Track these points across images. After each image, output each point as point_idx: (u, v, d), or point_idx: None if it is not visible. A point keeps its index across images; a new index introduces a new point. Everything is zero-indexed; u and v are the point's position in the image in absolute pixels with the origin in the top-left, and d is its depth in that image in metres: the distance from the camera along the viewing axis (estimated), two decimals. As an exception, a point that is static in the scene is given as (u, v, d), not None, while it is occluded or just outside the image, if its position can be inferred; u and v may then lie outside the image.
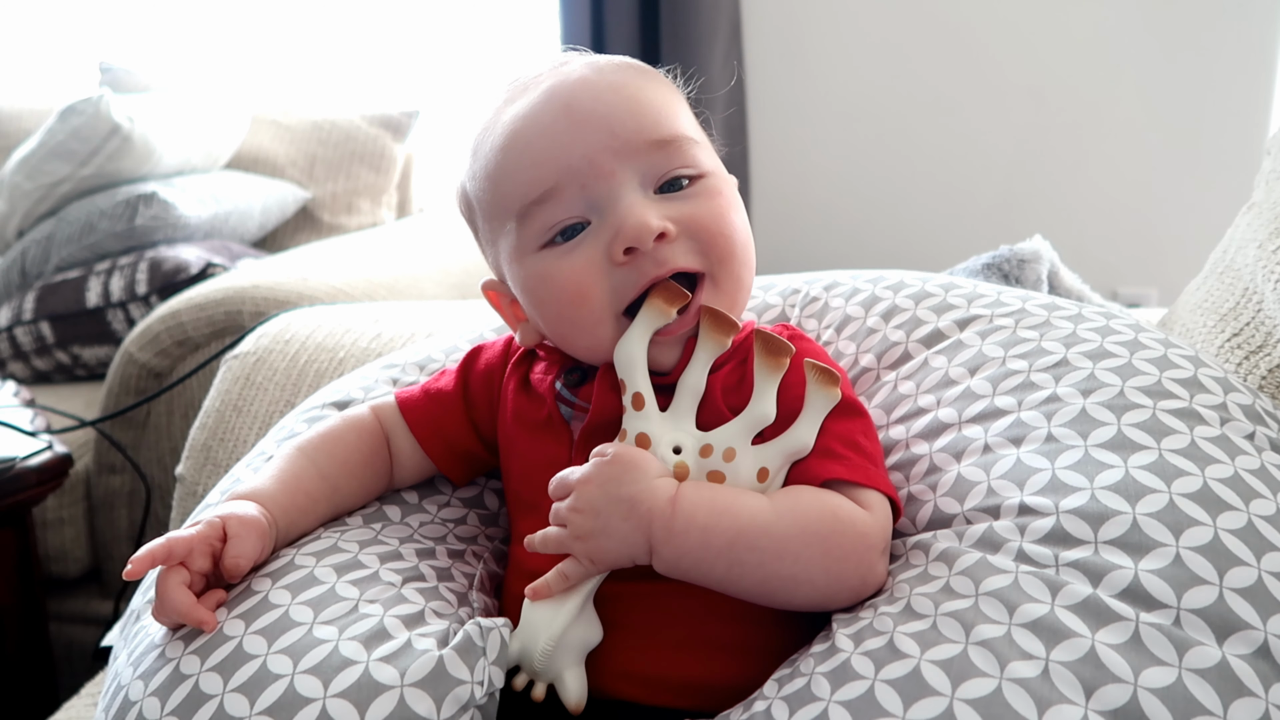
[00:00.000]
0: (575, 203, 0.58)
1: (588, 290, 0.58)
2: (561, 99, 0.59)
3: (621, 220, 0.57)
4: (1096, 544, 0.50)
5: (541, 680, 0.54)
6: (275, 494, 0.61)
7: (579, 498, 0.53)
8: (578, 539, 0.53)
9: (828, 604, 0.53)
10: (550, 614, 0.54)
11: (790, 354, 0.57)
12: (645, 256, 0.57)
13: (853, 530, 0.53)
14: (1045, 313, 0.67)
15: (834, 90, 2.34)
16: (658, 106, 0.60)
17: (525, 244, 0.60)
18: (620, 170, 0.58)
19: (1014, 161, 2.26)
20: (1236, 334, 0.74)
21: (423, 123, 2.19)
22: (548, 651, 0.53)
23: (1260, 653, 0.45)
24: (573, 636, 0.54)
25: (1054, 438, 0.57)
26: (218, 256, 1.72)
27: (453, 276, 1.76)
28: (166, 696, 0.50)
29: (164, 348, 1.43)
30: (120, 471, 1.48)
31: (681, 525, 0.52)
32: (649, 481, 0.53)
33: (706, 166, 0.61)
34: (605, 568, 0.54)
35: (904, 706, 0.45)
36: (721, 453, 0.55)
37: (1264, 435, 0.57)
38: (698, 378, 0.58)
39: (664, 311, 0.57)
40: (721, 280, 0.59)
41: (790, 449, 0.55)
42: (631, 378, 0.57)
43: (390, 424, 0.68)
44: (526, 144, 0.59)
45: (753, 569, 0.52)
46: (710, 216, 0.59)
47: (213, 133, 1.93)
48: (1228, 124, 2.08)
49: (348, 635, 0.52)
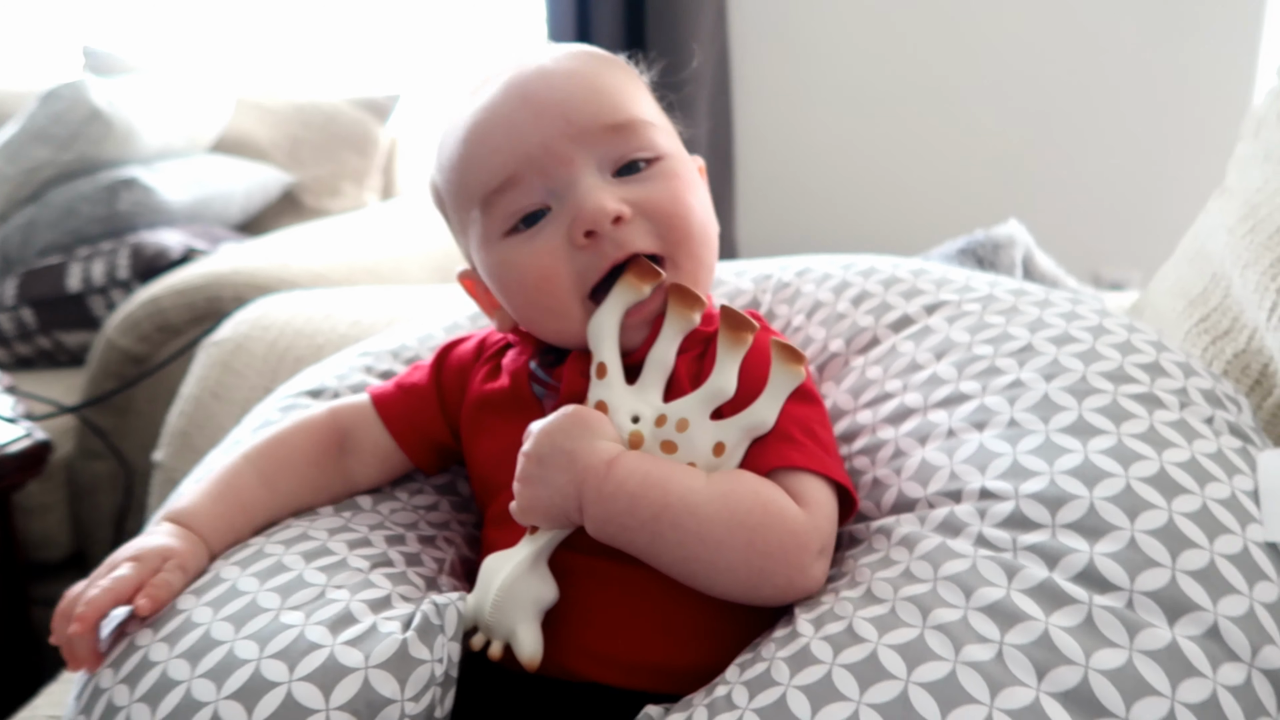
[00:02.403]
0: (535, 190, 0.59)
1: (551, 274, 0.59)
2: (518, 89, 0.60)
3: (579, 204, 0.58)
4: (1054, 528, 0.51)
5: (497, 637, 0.54)
6: (211, 513, 0.62)
7: (532, 443, 0.55)
8: (520, 481, 0.55)
9: (751, 596, 0.53)
10: (501, 568, 0.55)
11: (753, 330, 0.57)
12: (605, 239, 0.58)
13: (782, 527, 0.53)
14: (1012, 298, 0.68)
15: (819, 74, 2.33)
16: (613, 91, 0.61)
17: (490, 232, 0.61)
18: (578, 156, 0.59)
19: (998, 144, 2.26)
20: (1205, 318, 0.75)
21: (406, 106, 2.18)
22: (498, 603, 0.53)
23: (1210, 634, 0.46)
24: (523, 591, 0.54)
25: (1016, 423, 0.57)
26: (199, 241, 1.72)
27: (435, 259, 1.76)
28: (135, 683, 0.51)
29: (145, 333, 1.42)
30: (102, 457, 1.48)
31: (611, 489, 0.53)
32: (594, 441, 0.54)
33: (664, 149, 0.61)
34: (536, 517, 0.55)
35: (860, 690, 0.45)
36: (675, 423, 0.56)
37: (1223, 419, 0.58)
38: (665, 352, 0.58)
39: (637, 289, 0.58)
40: (681, 260, 0.60)
41: (750, 425, 0.56)
42: (599, 348, 0.58)
43: (358, 422, 0.68)
44: (486, 134, 0.60)
45: (673, 546, 0.52)
46: (667, 198, 0.60)
47: (195, 116, 1.92)
48: (1210, 107, 2.08)
49: (314, 620, 0.52)
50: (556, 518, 0.55)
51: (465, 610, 0.54)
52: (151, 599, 0.55)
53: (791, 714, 0.45)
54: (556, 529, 0.56)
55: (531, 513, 0.55)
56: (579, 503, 0.53)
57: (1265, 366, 0.67)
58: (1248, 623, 0.47)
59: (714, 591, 0.54)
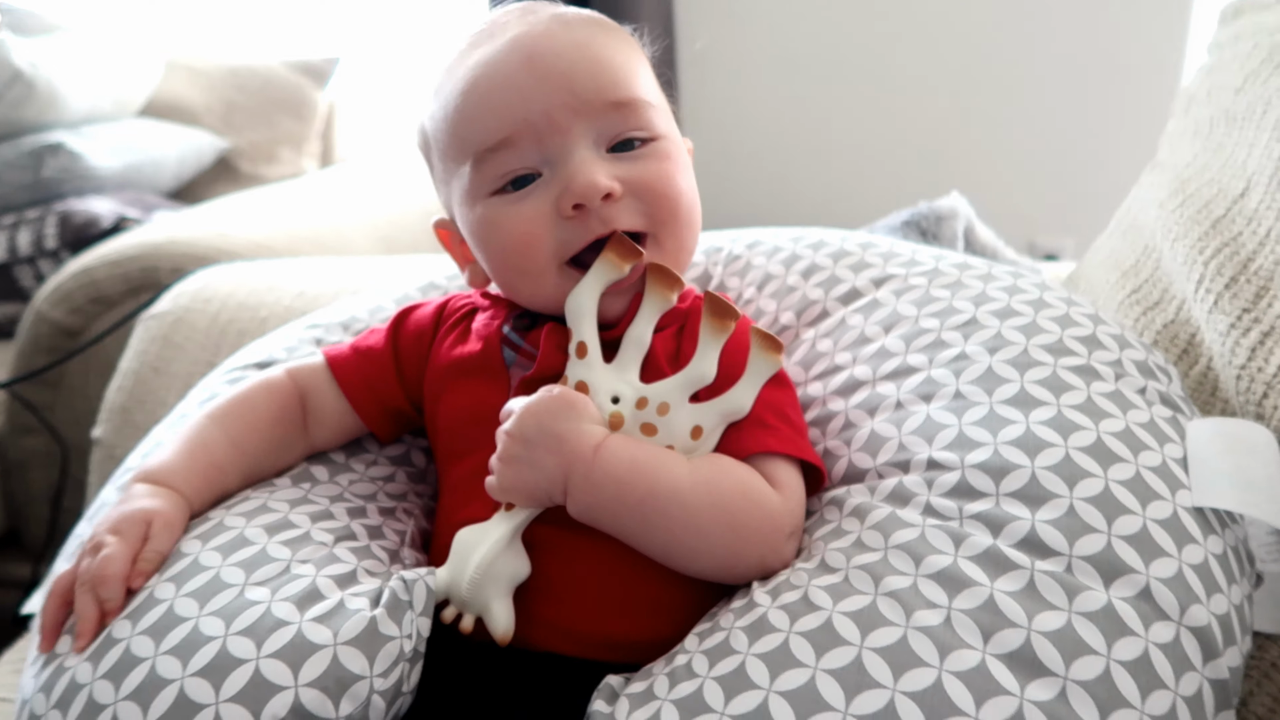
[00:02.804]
0: (529, 154, 0.60)
1: (534, 239, 0.60)
2: (525, 50, 0.60)
3: (572, 177, 0.58)
4: (998, 496, 0.53)
5: (470, 611, 0.55)
6: (186, 470, 0.61)
7: (516, 422, 0.55)
8: (502, 461, 0.55)
9: (725, 576, 0.55)
10: (478, 544, 0.55)
11: (736, 318, 0.58)
12: (591, 213, 0.59)
13: (761, 510, 0.55)
14: (957, 272, 0.70)
15: (763, 45, 2.34)
16: (618, 67, 0.61)
17: (477, 189, 0.61)
18: (576, 127, 0.59)
19: (938, 115, 2.30)
20: (1136, 290, 0.78)
21: (345, 70, 2.13)
22: (475, 580, 0.54)
23: (1142, 595, 0.49)
24: (500, 568, 0.55)
25: (961, 395, 0.59)
26: (132, 209, 1.67)
27: (380, 229, 1.73)
28: (98, 661, 0.50)
29: (77, 305, 1.38)
30: (35, 432, 1.44)
31: (599, 476, 0.53)
32: (581, 424, 0.55)
33: (660, 130, 0.62)
34: (519, 496, 0.55)
35: (816, 656, 0.47)
36: (656, 406, 0.57)
37: (1155, 389, 0.60)
38: (643, 331, 0.59)
39: (617, 266, 0.59)
40: (664, 240, 0.61)
41: (728, 410, 0.57)
42: (579, 327, 0.59)
43: (314, 384, 0.68)
44: (487, 92, 0.60)
45: (658, 529, 0.54)
46: (657, 179, 0.61)
47: (123, 79, 1.86)
48: (1141, 81, 2.14)
49: (280, 596, 0.52)
50: (538, 498, 0.55)
51: (436, 585, 0.54)
52: (144, 575, 0.55)
53: (750, 680, 0.47)
54: (535, 507, 0.56)
55: (513, 492, 0.55)
56: (564, 486, 0.54)
57: (1192, 336, 0.70)
58: (1177, 583, 0.49)
59: (689, 570, 0.55)
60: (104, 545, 0.55)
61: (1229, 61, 0.81)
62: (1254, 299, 0.66)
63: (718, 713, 0.45)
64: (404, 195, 1.89)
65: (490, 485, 0.56)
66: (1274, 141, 0.69)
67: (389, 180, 1.96)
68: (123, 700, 0.48)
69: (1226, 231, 0.70)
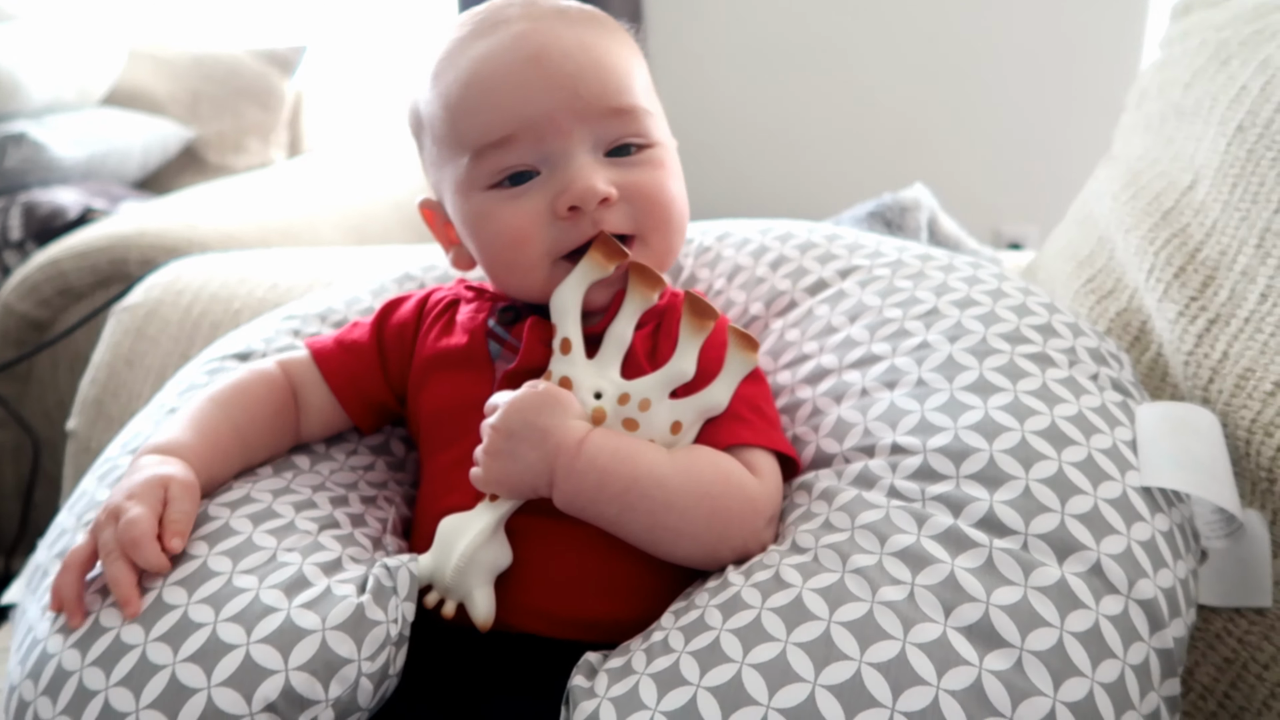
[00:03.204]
0: (528, 152, 0.61)
1: (527, 237, 0.61)
2: (530, 48, 0.60)
3: (571, 180, 0.60)
4: (958, 479, 0.55)
5: (452, 598, 0.56)
6: (195, 446, 0.61)
7: (501, 417, 0.56)
8: (488, 454, 0.56)
9: (708, 560, 0.57)
10: (463, 533, 0.56)
11: (715, 319, 0.60)
12: (585, 216, 0.60)
13: (741, 494, 0.57)
14: (919, 263, 0.72)
15: (728, 36, 2.36)
16: (622, 73, 0.63)
17: (474, 181, 0.62)
18: (577, 130, 0.60)
19: (903, 105, 2.33)
20: (1091, 279, 0.80)
21: (313, 59, 2.11)
22: (459, 568, 0.55)
23: (1094, 570, 0.51)
24: (483, 557, 0.56)
25: (924, 382, 0.62)
26: (98, 200, 1.65)
27: (350, 219, 1.73)
28: (86, 649, 0.51)
29: (45, 297, 1.38)
30: (4, 426, 1.43)
31: (582, 466, 0.55)
32: (566, 419, 0.56)
33: (655, 137, 0.64)
34: (503, 489, 0.57)
35: (787, 631, 0.49)
36: (638, 402, 0.59)
37: (1106, 375, 0.63)
38: (624, 329, 0.61)
39: (602, 266, 0.60)
40: (653, 243, 0.63)
41: (705, 406, 0.59)
42: (563, 323, 0.60)
43: (300, 377, 0.69)
44: (491, 87, 0.60)
45: (642, 515, 0.55)
46: (652, 185, 0.63)
47: (85, 67, 1.84)
48: (1100, 72, 2.18)
49: (268, 584, 0.53)
50: (522, 490, 0.57)
51: (419, 571, 0.56)
52: (181, 535, 0.54)
53: (724, 654, 0.49)
54: (519, 499, 0.58)
55: (498, 484, 0.57)
56: (550, 479, 0.56)
57: (1144, 324, 0.73)
58: (1126, 559, 0.52)
59: (672, 557, 0.57)
60: (125, 511, 0.54)
61: (1179, 57, 0.84)
62: (1201, 287, 0.69)
63: (693, 685, 0.48)
64: (374, 185, 1.89)
65: (475, 477, 0.57)
66: (1220, 136, 0.72)
67: (358, 170, 1.96)
68: (114, 686, 0.49)
69: (1175, 223, 0.73)
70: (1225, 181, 0.70)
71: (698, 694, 0.47)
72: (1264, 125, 0.69)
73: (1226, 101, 0.73)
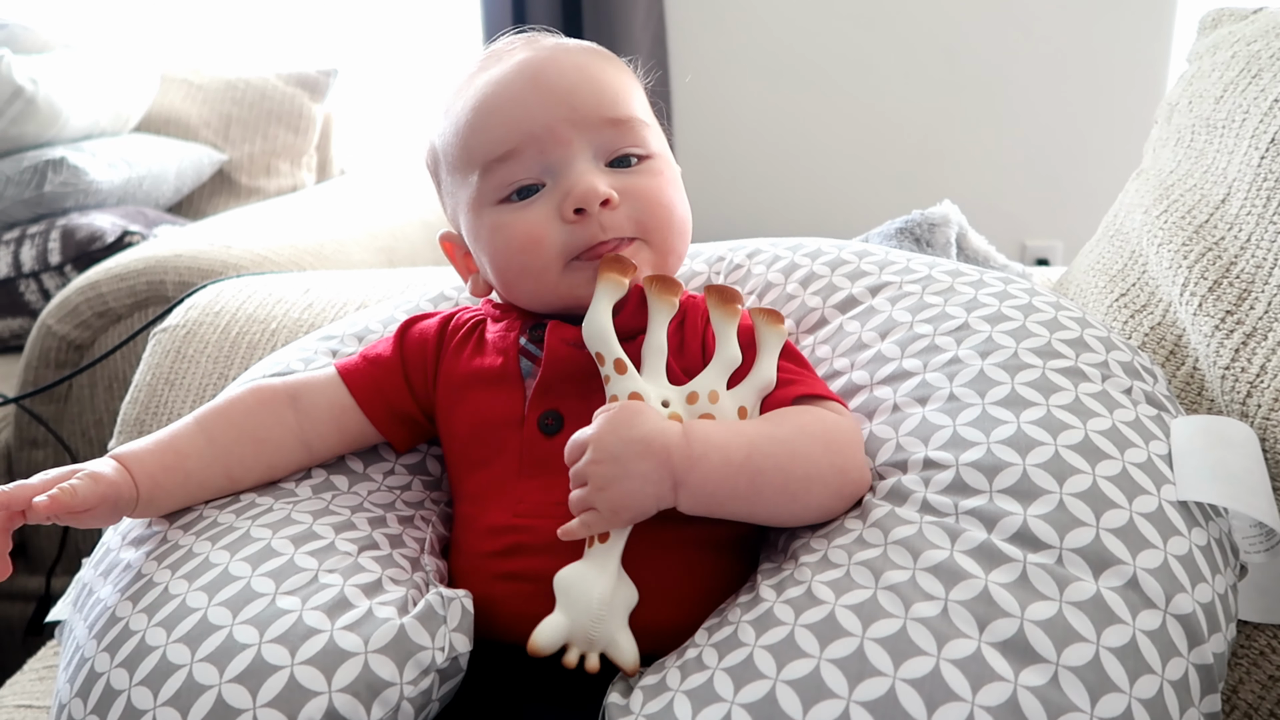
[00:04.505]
0: (533, 165, 0.65)
1: (540, 239, 0.64)
2: (530, 71, 0.66)
3: (573, 184, 0.63)
4: (991, 493, 0.55)
5: (594, 650, 0.54)
6: (145, 452, 0.63)
7: (595, 449, 0.55)
8: (600, 490, 0.54)
9: (838, 502, 0.58)
10: (591, 582, 0.54)
11: (741, 300, 0.63)
12: (591, 218, 0.63)
13: (838, 426, 0.59)
14: (949, 279, 0.72)
15: (755, 53, 2.37)
16: (616, 88, 0.67)
17: (484, 197, 0.66)
18: (576, 140, 0.64)
19: (929, 121, 2.33)
20: (1124, 294, 0.80)
21: (341, 82, 2.15)
22: (602, 617, 0.53)
23: (1130, 584, 0.51)
24: (618, 600, 0.55)
25: (955, 397, 0.62)
26: (134, 223, 1.69)
27: (379, 240, 1.75)
28: (134, 668, 0.52)
29: (84, 319, 1.40)
30: (43, 445, 1.46)
31: (700, 449, 0.55)
32: (659, 422, 0.56)
33: (654, 149, 0.68)
34: (629, 515, 0.55)
35: (820, 647, 0.49)
36: (706, 396, 0.60)
37: (1140, 389, 0.63)
38: (659, 339, 0.62)
39: (619, 283, 0.62)
40: (655, 243, 0.66)
41: (760, 384, 0.61)
42: (608, 347, 0.61)
43: (308, 385, 0.69)
44: (495, 107, 0.65)
45: (773, 476, 0.56)
46: (651, 190, 0.66)
47: (121, 93, 1.88)
48: (1128, 85, 2.17)
49: (310, 605, 0.54)
50: (647, 506, 0.55)
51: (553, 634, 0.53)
52: (55, 500, 0.56)
53: (758, 670, 0.49)
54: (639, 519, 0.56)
55: (620, 512, 0.55)
56: (672, 480, 0.55)
57: (1179, 338, 0.73)
58: (1162, 573, 0.52)
59: (808, 511, 0.57)
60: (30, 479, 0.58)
61: (1209, 71, 0.84)
62: (1236, 302, 0.68)
63: (728, 701, 0.48)
64: (402, 206, 1.91)
65: (590, 521, 0.55)
66: (1252, 149, 0.72)
67: (387, 192, 1.99)
68: (161, 706, 0.50)
69: (1209, 237, 0.73)
70: (1259, 195, 0.70)
71: (732, 710, 0.47)
72: (1296, 138, 0.68)
73: (1259, 115, 0.73)
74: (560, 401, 0.64)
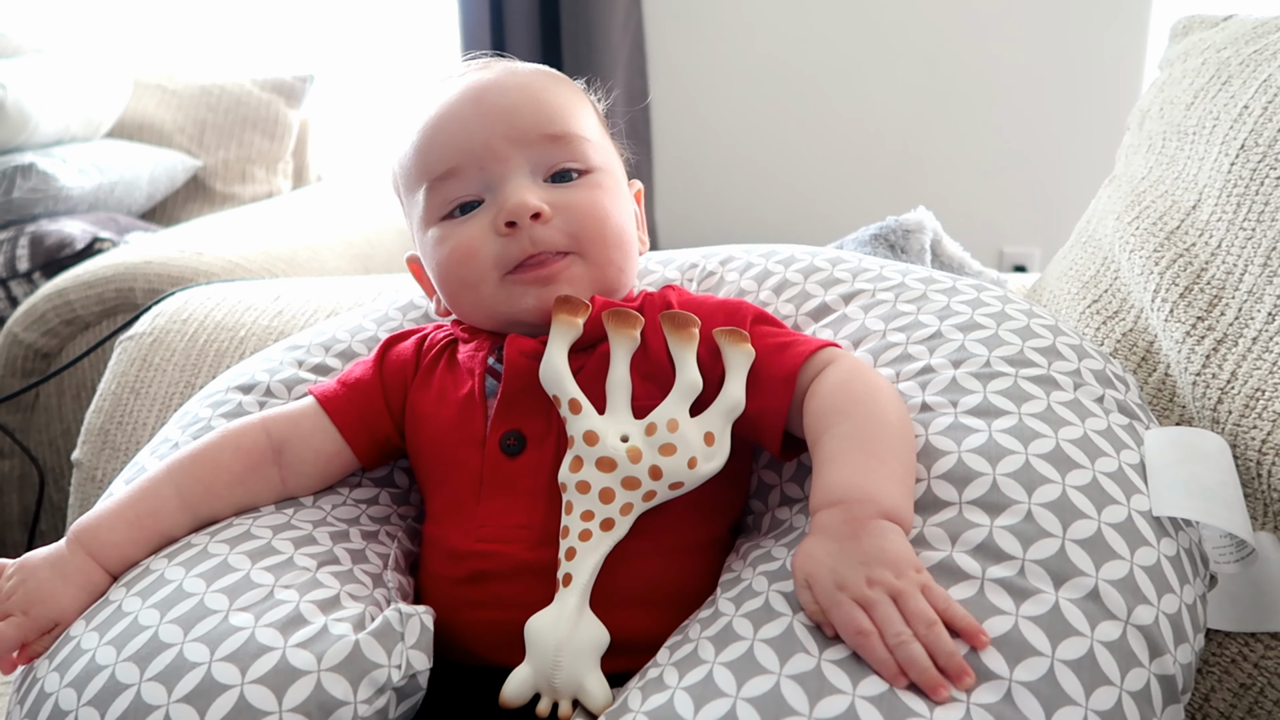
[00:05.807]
0: (473, 182, 0.66)
1: (474, 251, 0.65)
2: (475, 91, 0.68)
3: (506, 198, 0.65)
4: (961, 505, 0.55)
5: (565, 697, 0.53)
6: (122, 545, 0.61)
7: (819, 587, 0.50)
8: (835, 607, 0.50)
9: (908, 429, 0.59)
10: (551, 629, 0.54)
11: (696, 324, 0.61)
12: (523, 231, 0.64)
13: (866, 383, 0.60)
14: (923, 286, 0.71)
15: (733, 59, 2.38)
16: (557, 106, 0.68)
17: (430, 214, 0.68)
18: (515, 157, 0.66)
19: (905, 128, 2.34)
20: (1095, 300, 0.80)
21: (318, 88, 2.13)
22: (559, 664, 0.53)
23: (1090, 596, 0.50)
24: (581, 643, 0.54)
25: (928, 406, 0.61)
26: (105, 230, 1.66)
27: (355, 247, 1.74)
28: (82, 688, 0.51)
29: (51, 327, 1.38)
30: (8, 456, 1.43)
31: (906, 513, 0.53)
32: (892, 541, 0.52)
33: (595, 163, 0.68)
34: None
35: (780, 663, 0.48)
36: (665, 425, 0.58)
37: (1112, 398, 0.62)
38: (621, 374, 0.61)
39: (572, 324, 0.62)
40: (590, 256, 0.66)
41: (727, 409, 0.60)
42: (563, 389, 0.60)
43: (293, 433, 0.67)
44: (440, 127, 0.67)
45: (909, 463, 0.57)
46: (586, 204, 0.66)
47: (93, 99, 1.86)
48: (1104, 92, 2.19)
49: (264, 622, 0.53)
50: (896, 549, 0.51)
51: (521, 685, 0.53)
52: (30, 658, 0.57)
53: (718, 689, 0.48)
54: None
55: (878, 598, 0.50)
56: (884, 512, 0.52)
57: (1150, 345, 0.72)
58: (1125, 585, 0.51)
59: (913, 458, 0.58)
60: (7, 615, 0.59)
61: (1180, 78, 0.84)
62: (1207, 307, 0.68)
63: (689, 721, 0.47)
64: (379, 213, 1.90)
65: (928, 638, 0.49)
66: (1223, 155, 0.72)
67: (363, 199, 1.97)
68: (105, 722, 0.49)
69: (1180, 243, 0.73)
70: (1230, 201, 0.70)
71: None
72: (1267, 145, 0.68)
73: (1229, 121, 0.73)
74: (522, 421, 0.63)
